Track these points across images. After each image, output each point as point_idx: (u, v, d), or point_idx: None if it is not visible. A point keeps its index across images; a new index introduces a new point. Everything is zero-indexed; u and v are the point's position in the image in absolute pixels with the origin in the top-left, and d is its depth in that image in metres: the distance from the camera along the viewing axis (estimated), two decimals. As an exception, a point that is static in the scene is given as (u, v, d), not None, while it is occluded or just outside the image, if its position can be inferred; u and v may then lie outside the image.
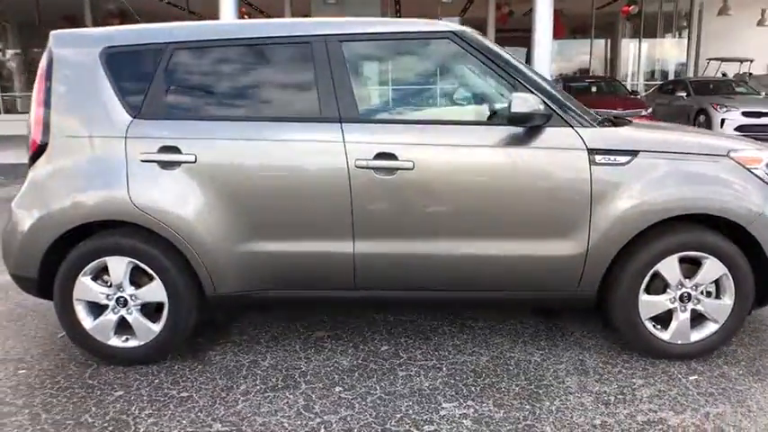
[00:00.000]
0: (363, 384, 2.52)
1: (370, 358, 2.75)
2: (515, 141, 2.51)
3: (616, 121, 2.78)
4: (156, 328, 2.66)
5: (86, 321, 2.67)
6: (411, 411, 2.31)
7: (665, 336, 2.63)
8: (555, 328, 3.04)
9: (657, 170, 2.49)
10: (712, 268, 2.55)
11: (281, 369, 2.66)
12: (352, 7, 13.60)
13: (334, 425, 2.22)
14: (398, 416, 2.28)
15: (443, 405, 2.35)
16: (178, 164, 2.55)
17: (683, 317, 2.61)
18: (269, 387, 2.51)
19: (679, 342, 2.63)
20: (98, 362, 2.73)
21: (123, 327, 2.68)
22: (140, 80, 2.63)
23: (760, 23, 16.65)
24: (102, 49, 2.65)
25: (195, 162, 2.54)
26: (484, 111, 2.58)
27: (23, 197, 2.66)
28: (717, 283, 2.60)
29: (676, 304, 2.60)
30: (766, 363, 2.64)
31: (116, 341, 2.69)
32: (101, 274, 2.66)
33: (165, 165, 2.55)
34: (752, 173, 2.55)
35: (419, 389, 2.47)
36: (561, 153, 2.50)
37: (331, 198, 2.53)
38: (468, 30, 2.58)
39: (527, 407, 2.32)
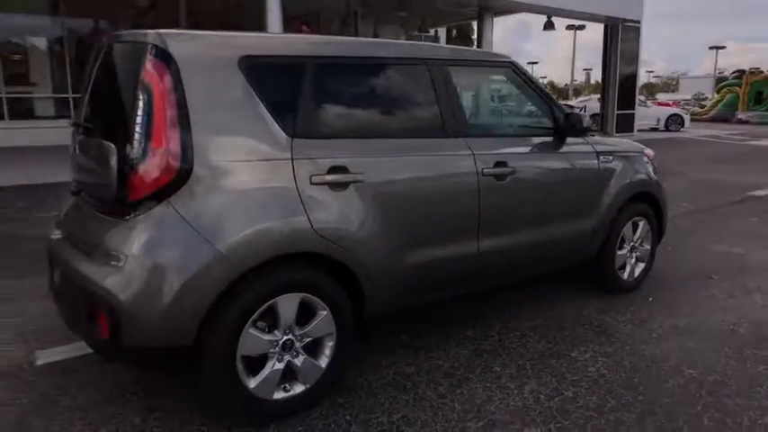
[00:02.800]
0: (509, 362, 2.93)
1: (488, 342, 3.12)
2: (563, 146, 3.32)
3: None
4: (323, 364, 2.45)
5: (249, 381, 2.25)
6: (565, 364, 2.88)
7: (624, 276, 3.87)
8: (555, 290, 3.94)
9: (625, 164, 3.68)
10: (644, 226, 3.91)
11: (428, 372, 2.80)
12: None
13: (560, 396, 2.62)
14: (571, 374, 2.80)
15: (572, 354, 3.00)
16: (347, 184, 2.43)
17: (632, 261, 3.90)
18: (445, 388, 2.66)
19: (630, 279, 3.91)
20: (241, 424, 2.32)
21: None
22: (287, 95, 2.38)
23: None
24: (240, 57, 2.25)
25: (363, 181, 2.47)
26: (545, 124, 3.30)
27: (163, 241, 2.06)
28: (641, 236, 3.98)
29: (628, 254, 3.87)
30: (666, 281, 4.14)
31: (280, 394, 2.35)
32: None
33: (336, 186, 2.40)
34: (650, 162, 4.00)
35: (542, 350, 3.04)
36: (586, 155, 3.43)
37: (468, 203, 2.85)
38: (517, 62, 3.24)
39: (627, 346, 3.12)
